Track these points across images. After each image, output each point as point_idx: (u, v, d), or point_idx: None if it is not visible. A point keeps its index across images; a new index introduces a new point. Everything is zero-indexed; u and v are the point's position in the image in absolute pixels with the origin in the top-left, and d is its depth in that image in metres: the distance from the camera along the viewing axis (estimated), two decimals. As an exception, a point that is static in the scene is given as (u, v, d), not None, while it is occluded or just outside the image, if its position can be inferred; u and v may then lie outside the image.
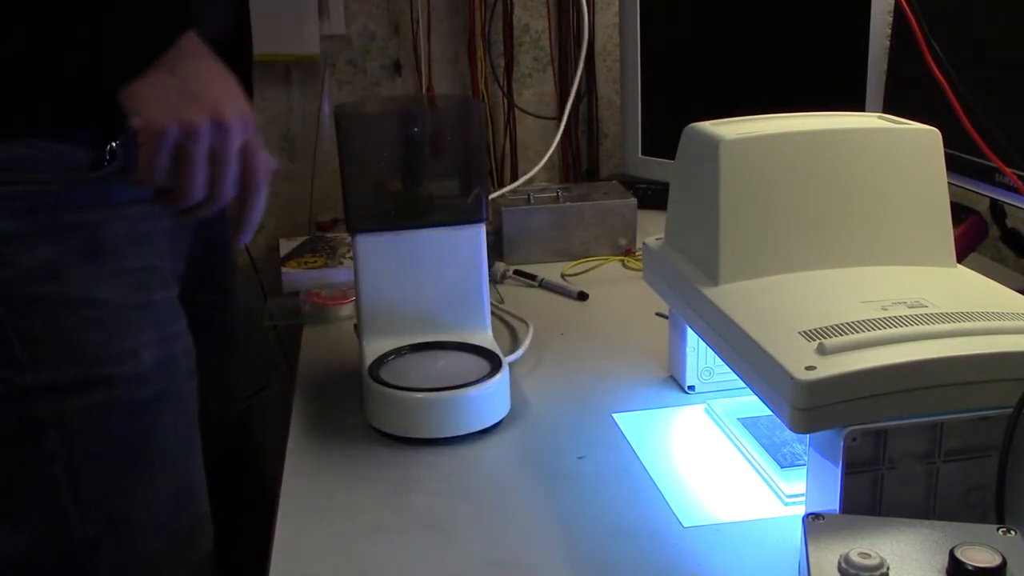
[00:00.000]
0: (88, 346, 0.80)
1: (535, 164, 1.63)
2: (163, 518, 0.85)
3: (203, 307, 0.98)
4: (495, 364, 0.91)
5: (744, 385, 0.73)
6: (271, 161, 0.81)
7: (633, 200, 1.39)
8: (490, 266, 1.33)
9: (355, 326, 0.99)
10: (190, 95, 0.74)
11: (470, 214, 0.97)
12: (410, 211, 0.98)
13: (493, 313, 1.02)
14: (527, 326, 1.12)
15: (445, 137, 1.02)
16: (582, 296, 1.23)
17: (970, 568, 0.55)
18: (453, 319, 0.97)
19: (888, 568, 0.56)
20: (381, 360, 0.93)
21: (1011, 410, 0.62)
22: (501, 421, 0.90)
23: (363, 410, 0.91)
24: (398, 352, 0.94)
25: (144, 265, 0.84)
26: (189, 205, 0.77)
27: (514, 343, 1.10)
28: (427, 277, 0.96)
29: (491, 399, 0.89)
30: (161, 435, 0.85)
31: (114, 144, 0.81)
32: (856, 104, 1.34)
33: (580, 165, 1.82)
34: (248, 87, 1.04)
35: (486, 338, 0.97)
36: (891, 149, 0.81)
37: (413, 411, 0.87)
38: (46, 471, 0.80)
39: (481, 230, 0.96)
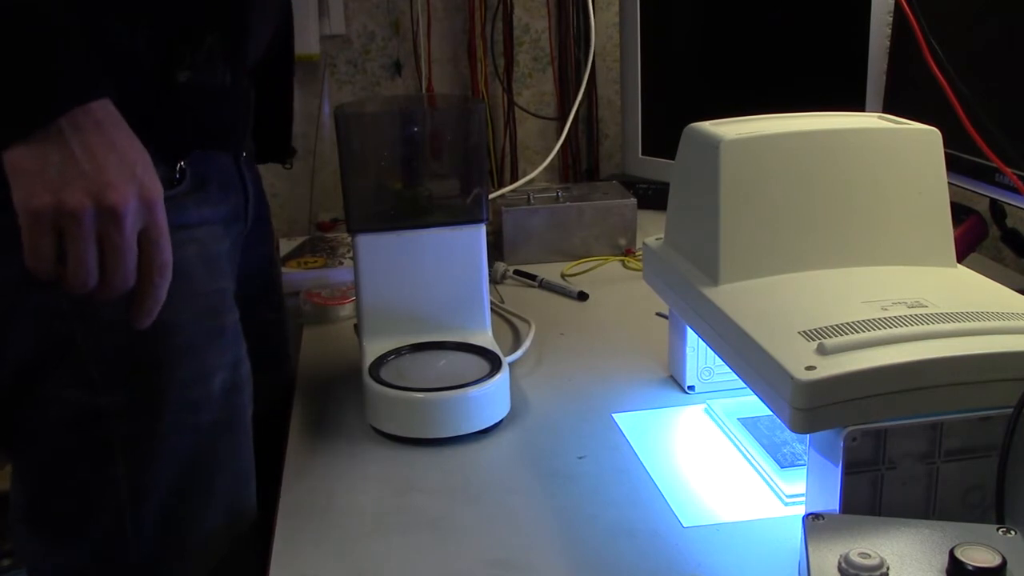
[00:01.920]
0: (162, 370, 0.78)
1: (535, 164, 1.63)
2: (216, 544, 0.84)
3: (260, 325, 0.98)
4: (495, 364, 0.91)
5: (744, 385, 0.73)
6: (168, 254, 0.71)
7: (633, 200, 1.39)
8: (490, 266, 1.33)
9: (355, 326, 0.99)
10: (77, 172, 0.66)
11: (470, 214, 0.97)
12: (410, 211, 0.98)
13: (494, 312, 1.02)
14: (529, 325, 1.12)
15: (445, 137, 1.02)
16: (582, 296, 1.23)
17: (970, 568, 0.55)
18: (453, 319, 0.97)
19: (888, 568, 0.56)
20: (381, 360, 0.93)
21: (1011, 410, 0.62)
22: (501, 421, 0.90)
23: (363, 410, 0.91)
24: (398, 352, 0.94)
25: (216, 288, 0.83)
26: (79, 293, 0.69)
27: (515, 343, 1.10)
28: (427, 277, 0.96)
29: (491, 399, 0.89)
30: (221, 461, 0.84)
31: (183, 163, 0.80)
32: (856, 104, 1.34)
33: (580, 165, 1.82)
34: (288, 98, 1.06)
35: (486, 338, 0.97)
36: (891, 149, 0.81)
37: (413, 411, 0.87)
38: (111, 491, 0.79)
39: (481, 230, 0.97)
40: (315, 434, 0.91)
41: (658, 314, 1.12)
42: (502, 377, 0.90)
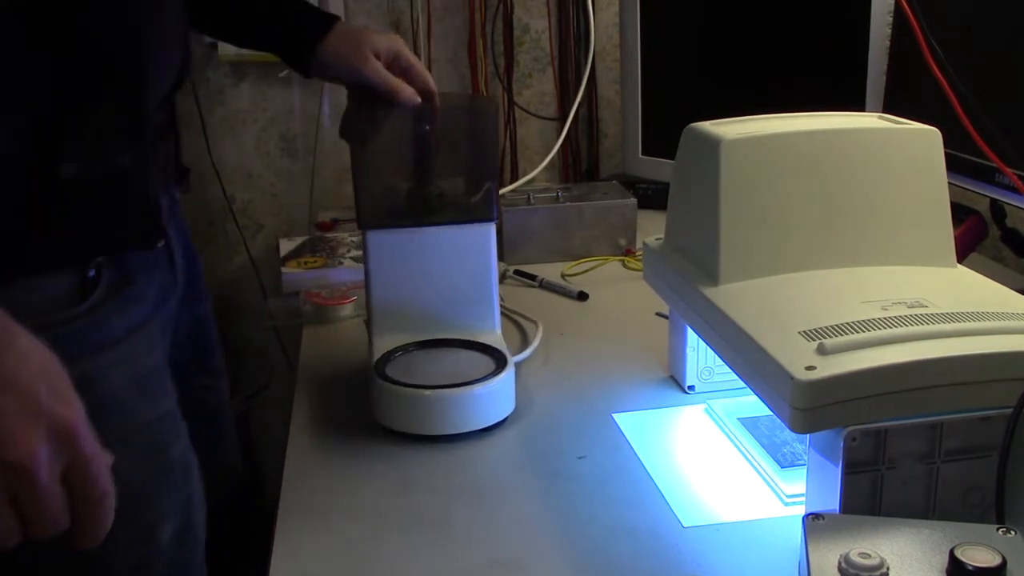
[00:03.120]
0: None
1: (535, 164, 1.63)
2: None
3: (196, 397, 0.91)
4: (501, 362, 0.91)
5: (744, 385, 0.73)
6: (105, 481, 0.58)
7: (633, 200, 1.39)
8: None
9: (365, 322, 0.99)
10: None
11: (480, 212, 0.97)
12: (421, 208, 0.98)
13: (502, 312, 1.02)
14: (536, 325, 1.12)
15: (456, 135, 1.02)
16: (582, 296, 1.23)
17: (970, 568, 0.55)
18: (462, 317, 0.97)
19: (888, 568, 0.56)
20: (388, 356, 0.93)
21: (1011, 410, 0.62)
22: (503, 420, 0.90)
23: (363, 409, 0.91)
24: (405, 349, 0.95)
25: (157, 415, 0.73)
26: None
27: (522, 342, 1.10)
28: (437, 274, 0.96)
29: (495, 397, 0.89)
30: None
31: (99, 259, 0.67)
32: (856, 104, 1.34)
33: (580, 165, 1.82)
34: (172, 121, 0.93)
35: (494, 337, 0.97)
36: (891, 149, 0.81)
37: (417, 408, 0.87)
38: None
39: (491, 228, 0.97)
40: (315, 434, 0.91)
41: (658, 314, 1.12)
42: (507, 376, 0.90)
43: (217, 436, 1.01)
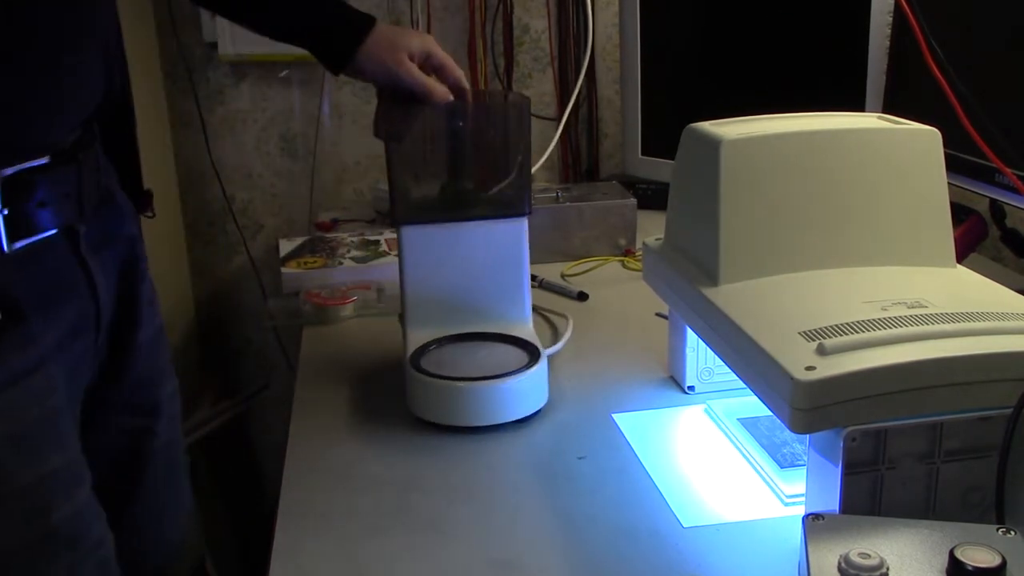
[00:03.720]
0: None
1: (535, 164, 1.63)
2: None
3: (126, 436, 0.86)
4: (534, 356, 0.92)
5: (744, 385, 0.73)
6: None
7: (633, 200, 1.39)
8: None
9: (400, 316, 0.99)
10: None
11: (513, 207, 0.98)
12: (454, 204, 0.99)
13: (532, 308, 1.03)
14: (567, 320, 1.13)
15: (489, 131, 1.03)
16: (582, 296, 1.23)
17: (970, 568, 0.55)
18: (495, 310, 0.98)
19: (888, 568, 0.56)
20: (423, 350, 0.94)
21: (1011, 410, 0.62)
22: (502, 421, 0.90)
23: (364, 409, 0.91)
24: (440, 342, 0.96)
25: (36, 477, 0.66)
26: None
27: (554, 336, 1.11)
28: (470, 268, 0.97)
29: (528, 390, 0.91)
30: None
31: None
32: (856, 104, 1.34)
33: (580, 165, 1.82)
34: (132, 148, 0.92)
35: (526, 330, 0.98)
36: (891, 149, 0.81)
37: (451, 399, 0.89)
38: None
39: (523, 223, 0.98)
40: (315, 434, 0.91)
41: (658, 314, 1.12)
42: (540, 368, 0.91)
43: (169, 497, 0.93)
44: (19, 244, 0.69)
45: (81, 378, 0.78)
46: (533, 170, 1.47)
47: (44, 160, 0.72)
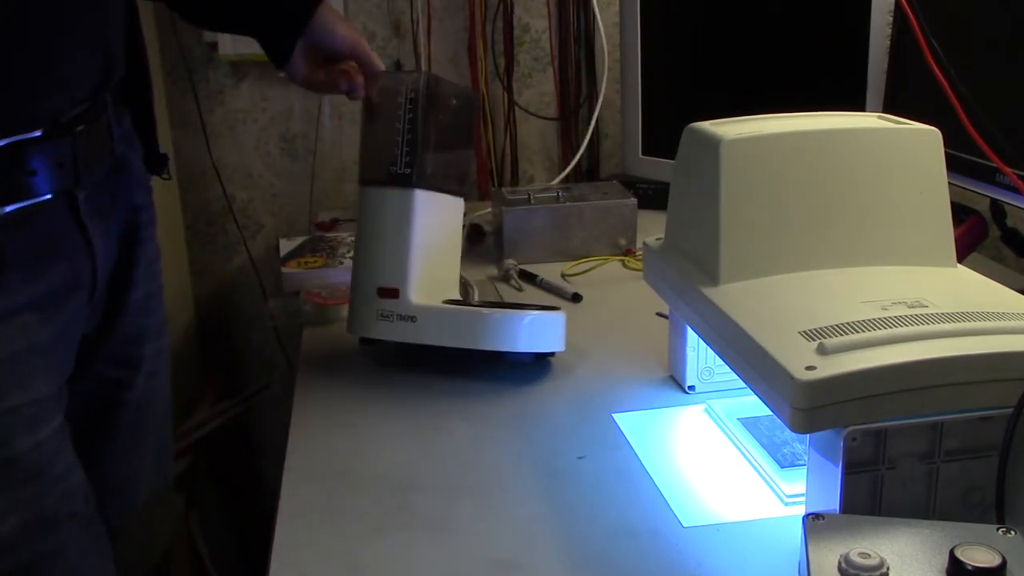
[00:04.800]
0: None
1: (535, 164, 1.63)
2: None
3: (103, 384, 0.90)
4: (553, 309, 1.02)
5: (744, 385, 0.73)
6: None
7: (633, 200, 1.39)
8: (499, 264, 1.34)
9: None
10: None
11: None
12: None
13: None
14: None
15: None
16: (576, 298, 1.23)
17: (970, 568, 0.55)
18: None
19: (888, 568, 0.56)
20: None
21: (1011, 410, 0.62)
22: (501, 421, 0.90)
23: (363, 409, 0.91)
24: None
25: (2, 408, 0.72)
26: None
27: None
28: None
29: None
30: None
31: None
32: (856, 104, 1.34)
33: (580, 165, 1.82)
34: (149, 111, 0.96)
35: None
36: (891, 149, 0.81)
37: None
38: None
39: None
40: (314, 434, 0.91)
41: (658, 314, 1.12)
42: (559, 315, 1.00)
43: (146, 449, 0.95)
44: (9, 208, 0.74)
45: (75, 329, 0.82)
46: (533, 171, 1.47)
47: (36, 133, 0.75)
